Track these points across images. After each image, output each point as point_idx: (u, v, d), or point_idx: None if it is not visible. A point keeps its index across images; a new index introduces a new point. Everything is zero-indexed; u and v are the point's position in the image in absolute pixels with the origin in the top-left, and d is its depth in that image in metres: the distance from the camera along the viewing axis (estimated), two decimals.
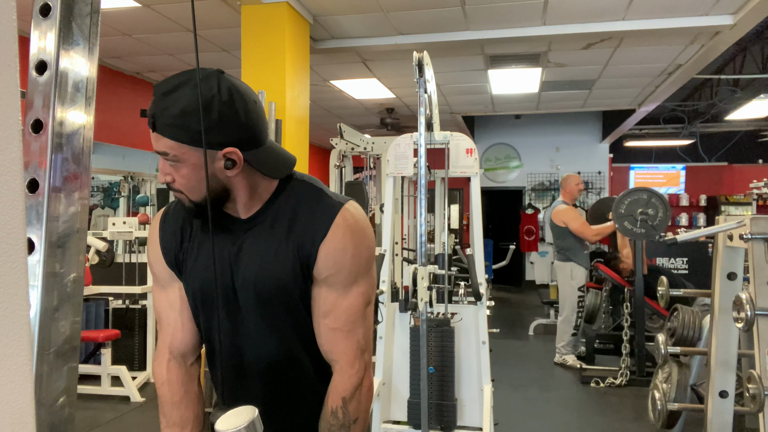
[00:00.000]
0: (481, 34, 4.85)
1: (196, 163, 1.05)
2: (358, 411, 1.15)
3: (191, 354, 1.24)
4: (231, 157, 1.06)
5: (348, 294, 1.14)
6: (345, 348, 1.14)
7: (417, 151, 2.72)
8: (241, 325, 1.17)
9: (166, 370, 1.22)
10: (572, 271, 5.31)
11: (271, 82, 4.06)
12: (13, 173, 0.44)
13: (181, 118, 1.01)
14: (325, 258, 1.11)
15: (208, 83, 1.02)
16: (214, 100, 1.02)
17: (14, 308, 0.44)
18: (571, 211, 5.34)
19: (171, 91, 1.02)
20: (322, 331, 1.15)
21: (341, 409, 1.13)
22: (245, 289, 1.15)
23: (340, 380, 1.14)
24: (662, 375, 3.41)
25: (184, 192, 1.09)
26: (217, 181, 1.08)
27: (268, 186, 1.15)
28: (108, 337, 4.44)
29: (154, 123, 1.03)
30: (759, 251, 1.96)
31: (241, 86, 1.07)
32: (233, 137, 1.05)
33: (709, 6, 4.28)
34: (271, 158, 1.13)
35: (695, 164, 11.34)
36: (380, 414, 2.90)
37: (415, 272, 2.48)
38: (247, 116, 1.06)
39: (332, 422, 1.13)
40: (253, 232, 1.15)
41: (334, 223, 1.12)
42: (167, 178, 1.08)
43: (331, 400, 1.14)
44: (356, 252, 1.13)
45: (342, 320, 1.14)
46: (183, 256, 1.20)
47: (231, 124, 1.04)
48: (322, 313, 1.15)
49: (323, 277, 1.13)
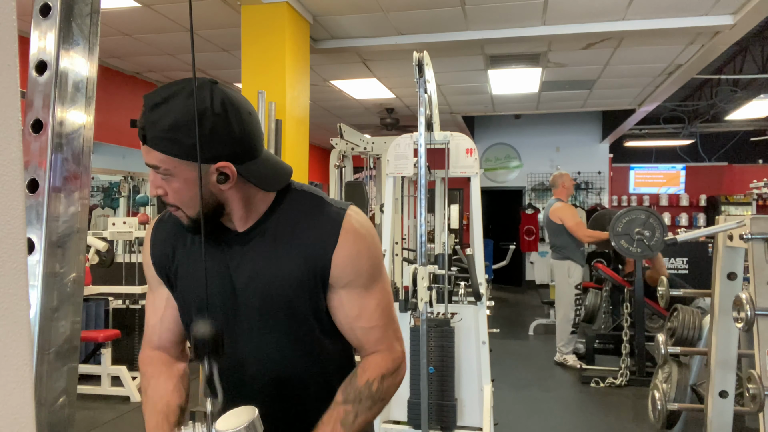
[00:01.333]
0: (481, 34, 4.85)
1: (188, 177, 1.02)
2: (389, 392, 1.15)
3: (173, 348, 1.25)
4: (224, 171, 1.03)
5: (373, 292, 1.15)
6: (385, 338, 1.16)
7: (417, 151, 2.72)
8: (241, 341, 1.15)
9: (148, 357, 1.24)
10: (569, 269, 5.32)
11: (271, 82, 4.06)
12: (13, 173, 0.44)
13: (172, 132, 0.98)
14: (342, 265, 1.10)
15: (200, 94, 0.99)
16: (207, 113, 0.99)
17: (14, 308, 0.44)
18: (568, 209, 5.35)
19: (161, 103, 0.99)
20: (357, 333, 1.15)
21: (377, 382, 1.13)
22: (248, 302, 1.12)
23: (383, 358, 1.15)
24: (662, 375, 3.41)
25: (178, 206, 1.07)
26: (211, 196, 1.06)
27: (264, 198, 1.12)
28: (108, 337, 4.44)
29: (145, 136, 1.00)
30: (759, 251, 1.96)
31: (235, 97, 1.04)
32: (226, 151, 1.02)
33: (709, 6, 4.28)
34: (265, 170, 1.10)
35: (695, 164, 11.34)
36: (380, 414, 2.90)
37: (415, 272, 2.48)
38: (241, 129, 1.03)
39: (364, 390, 1.12)
40: (252, 246, 1.12)
41: (343, 230, 1.10)
42: (159, 191, 1.06)
43: (370, 373, 1.13)
44: (370, 254, 1.14)
45: (376, 317, 1.15)
46: (175, 267, 1.18)
47: (224, 137, 1.01)
48: (352, 316, 1.14)
49: (343, 284, 1.12)
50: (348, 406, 1.11)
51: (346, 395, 1.12)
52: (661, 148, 11.27)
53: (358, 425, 1.10)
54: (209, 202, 1.06)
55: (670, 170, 11.54)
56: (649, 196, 11.56)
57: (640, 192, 11.63)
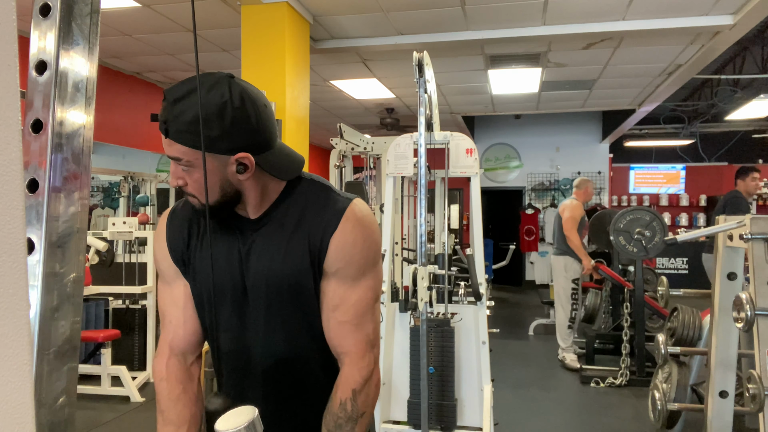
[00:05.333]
0: (481, 34, 4.85)
1: (209, 168, 1.07)
2: (366, 404, 1.15)
3: (192, 352, 1.24)
4: (243, 161, 1.08)
5: (357, 287, 1.16)
6: (355, 341, 1.15)
7: (417, 151, 2.72)
8: (249, 324, 1.18)
9: (166, 367, 1.22)
10: (566, 265, 5.43)
11: (271, 82, 4.06)
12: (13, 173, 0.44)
13: (194, 125, 1.03)
14: (335, 251, 1.13)
15: (219, 89, 1.04)
16: (227, 106, 1.04)
17: (14, 308, 0.44)
18: (575, 206, 5.39)
19: (183, 97, 1.04)
20: (331, 324, 1.16)
21: (350, 401, 1.13)
22: (256, 286, 1.16)
23: (350, 372, 1.15)
24: (662, 375, 3.41)
25: (196, 195, 1.12)
26: (230, 185, 1.11)
27: (276, 186, 1.17)
28: (108, 337, 4.44)
29: (167, 129, 1.05)
30: (759, 251, 1.96)
31: (251, 90, 1.09)
32: (245, 142, 1.07)
33: (709, 6, 4.28)
34: (281, 160, 1.15)
35: (695, 164, 11.34)
36: (380, 414, 2.90)
37: (415, 272, 2.48)
38: (259, 121, 1.08)
39: (340, 415, 1.12)
40: (263, 231, 1.17)
41: (344, 217, 1.14)
42: (180, 182, 1.11)
43: (341, 392, 1.14)
44: (365, 245, 1.16)
45: (351, 313, 1.15)
46: (190, 254, 1.21)
47: (243, 129, 1.06)
48: (331, 306, 1.16)
49: (333, 270, 1.15)
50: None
51: (327, 425, 1.14)
52: (661, 148, 11.27)
53: None
54: (228, 191, 1.12)
55: (670, 170, 11.54)
56: (649, 196, 11.56)
57: (640, 192, 11.63)
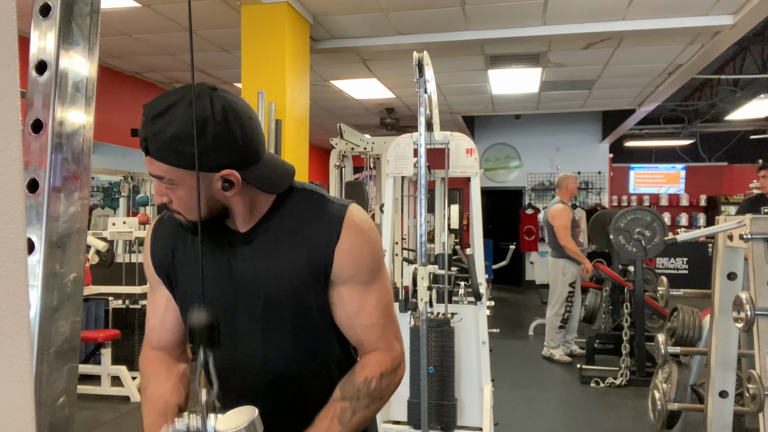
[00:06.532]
0: (481, 34, 4.85)
1: (192, 185, 1.02)
2: (386, 391, 1.14)
3: (174, 350, 1.24)
4: (228, 178, 1.04)
5: (373, 289, 1.15)
6: (386, 337, 1.16)
7: (417, 151, 2.72)
8: (243, 341, 1.15)
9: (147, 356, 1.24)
10: (564, 268, 5.44)
11: (271, 82, 4.06)
12: (13, 173, 0.44)
13: (175, 143, 0.98)
14: (344, 260, 1.11)
15: (201, 103, 0.98)
16: (209, 122, 0.98)
17: (14, 308, 0.44)
18: (561, 212, 5.40)
19: (162, 113, 0.98)
20: (357, 330, 1.15)
21: (376, 380, 1.12)
22: (250, 303, 1.13)
23: (382, 357, 1.14)
24: (662, 375, 3.41)
25: (181, 212, 1.08)
26: (216, 202, 1.07)
27: (267, 198, 1.13)
28: (108, 337, 4.44)
29: (147, 147, 1.00)
30: (759, 251, 1.96)
31: (235, 102, 1.03)
32: (230, 158, 1.02)
33: (709, 6, 4.28)
34: (269, 173, 1.10)
35: (695, 164, 11.34)
36: (380, 414, 2.90)
37: (415, 272, 2.48)
38: (244, 135, 1.03)
39: (362, 388, 1.11)
40: (254, 245, 1.13)
41: (345, 225, 1.11)
42: (164, 199, 1.07)
43: (369, 370, 1.12)
44: (372, 249, 1.15)
45: (376, 315, 1.15)
46: (176, 269, 1.18)
47: (227, 145, 1.01)
48: (352, 313, 1.14)
49: (344, 280, 1.12)
50: (345, 403, 1.10)
51: (344, 392, 1.12)
52: (661, 148, 11.27)
53: (355, 422, 1.10)
54: (214, 208, 1.07)
55: (670, 170, 11.54)
56: (649, 196, 11.56)
57: (640, 192, 11.63)
